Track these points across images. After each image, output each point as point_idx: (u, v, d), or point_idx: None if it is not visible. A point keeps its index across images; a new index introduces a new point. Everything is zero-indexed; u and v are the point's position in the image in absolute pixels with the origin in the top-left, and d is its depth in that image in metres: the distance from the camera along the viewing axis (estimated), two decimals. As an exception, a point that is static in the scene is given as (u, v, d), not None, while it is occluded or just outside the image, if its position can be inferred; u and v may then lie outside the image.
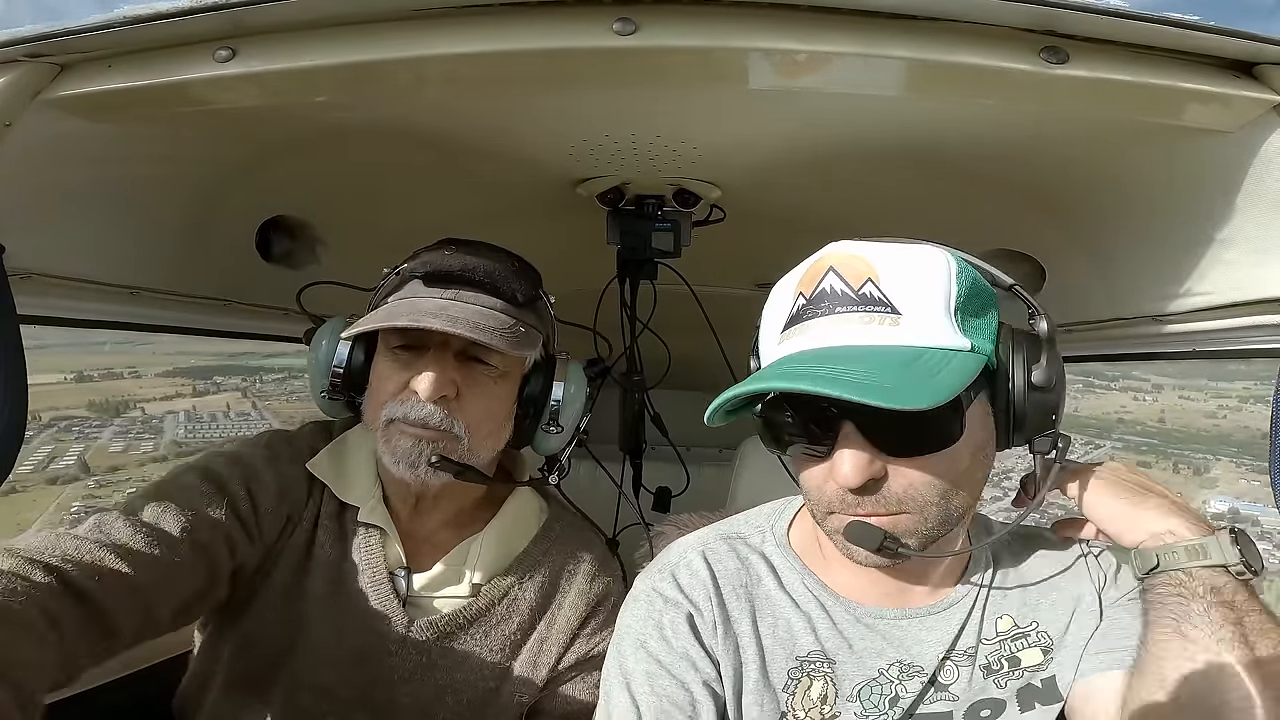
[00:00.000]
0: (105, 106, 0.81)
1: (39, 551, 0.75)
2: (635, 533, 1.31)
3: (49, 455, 27.18)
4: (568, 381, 1.02)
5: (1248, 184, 0.80)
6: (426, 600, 1.00)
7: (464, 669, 0.99)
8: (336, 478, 1.01)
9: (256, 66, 0.75)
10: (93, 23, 0.72)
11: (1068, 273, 1.22)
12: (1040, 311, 0.72)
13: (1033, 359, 0.71)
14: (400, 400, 0.92)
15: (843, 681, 0.79)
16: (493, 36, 0.72)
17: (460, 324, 0.87)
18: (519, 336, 0.93)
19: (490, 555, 1.02)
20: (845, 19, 0.70)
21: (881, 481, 0.68)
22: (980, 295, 0.71)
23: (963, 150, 0.98)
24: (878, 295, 0.67)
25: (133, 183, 1.00)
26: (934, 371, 0.64)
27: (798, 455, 0.74)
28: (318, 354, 1.00)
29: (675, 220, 1.27)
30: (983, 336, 0.70)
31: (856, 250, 0.70)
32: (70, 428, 29.54)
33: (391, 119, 0.95)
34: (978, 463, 0.71)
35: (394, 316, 0.88)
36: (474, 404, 0.94)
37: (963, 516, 0.73)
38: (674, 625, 0.79)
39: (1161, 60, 0.71)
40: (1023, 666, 0.81)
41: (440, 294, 0.92)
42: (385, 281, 1.00)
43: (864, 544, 0.69)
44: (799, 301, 0.71)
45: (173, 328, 1.37)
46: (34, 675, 0.62)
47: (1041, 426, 0.72)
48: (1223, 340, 1.04)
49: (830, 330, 0.68)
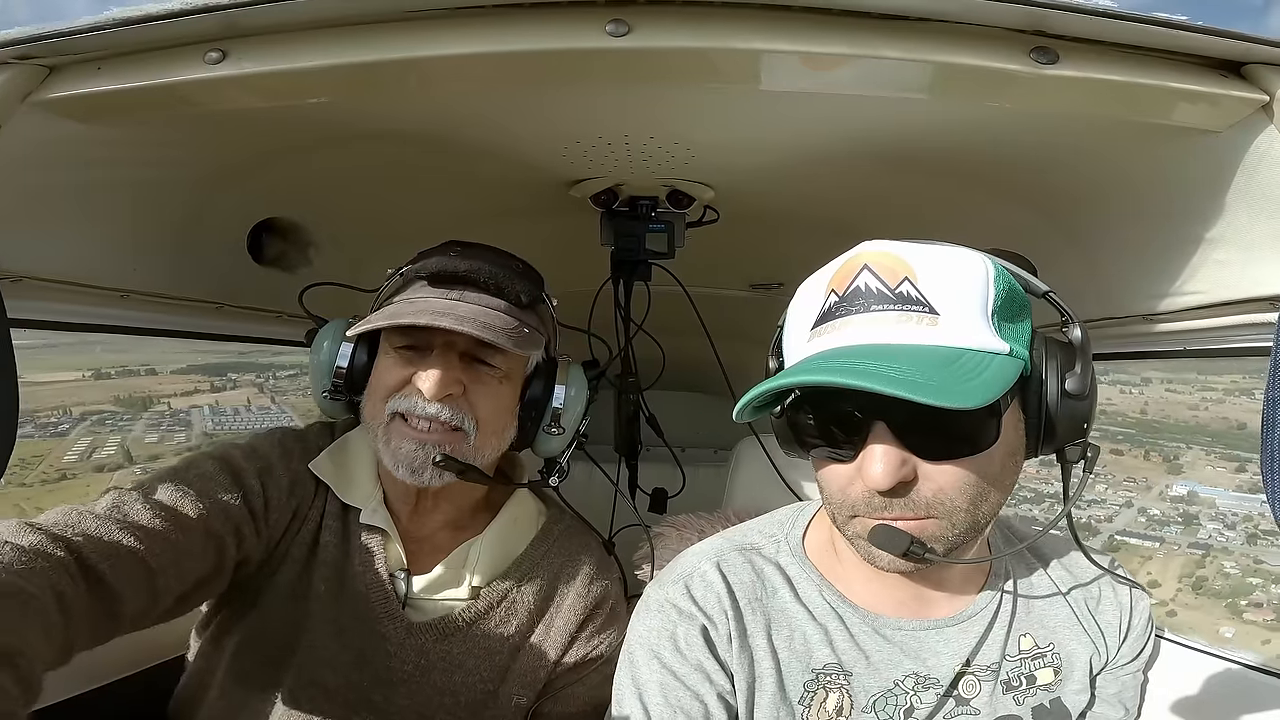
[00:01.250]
0: (95, 109, 0.80)
1: (61, 528, 0.75)
2: (631, 534, 1.31)
3: (89, 446, 28.32)
4: (569, 384, 1.03)
5: (1237, 183, 0.80)
6: (426, 602, 1.00)
7: (462, 671, 0.99)
8: (338, 478, 1.01)
9: (248, 68, 0.75)
10: (82, 24, 0.72)
11: (1059, 272, 1.22)
12: (1074, 318, 0.71)
13: (1067, 366, 0.70)
14: (404, 395, 0.92)
15: (858, 694, 0.79)
16: (485, 38, 0.72)
17: (467, 323, 0.87)
18: (523, 337, 0.93)
19: (489, 557, 1.02)
20: (837, 20, 0.70)
21: (911, 485, 0.67)
22: (1016, 300, 0.71)
23: (954, 150, 0.98)
24: (915, 295, 0.66)
25: (124, 185, 0.99)
26: (976, 372, 0.62)
27: (820, 457, 0.73)
28: (319, 354, 1.00)
29: (669, 222, 1.27)
30: (1019, 341, 0.69)
31: (892, 249, 0.69)
32: (103, 421, 30.84)
33: (384, 121, 0.95)
34: (1008, 469, 0.70)
35: (401, 315, 0.88)
36: (481, 402, 0.95)
37: (988, 524, 0.72)
38: (688, 637, 0.79)
39: (1150, 60, 0.71)
40: (1038, 685, 0.82)
41: (445, 294, 0.93)
42: (389, 282, 1.00)
43: (890, 548, 0.67)
44: (831, 299, 0.70)
45: (166, 331, 1.36)
46: (38, 658, 0.62)
47: (1073, 435, 0.71)
48: (1213, 339, 1.04)
49: (865, 328, 0.67)
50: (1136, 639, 0.85)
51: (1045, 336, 0.72)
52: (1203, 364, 1.14)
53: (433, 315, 0.87)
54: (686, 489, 1.60)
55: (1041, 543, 0.89)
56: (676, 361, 1.57)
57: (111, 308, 1.13)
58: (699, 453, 2.41)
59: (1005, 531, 0.89)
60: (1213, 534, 22.73)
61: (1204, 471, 27.45)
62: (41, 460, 26.26)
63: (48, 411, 29.19)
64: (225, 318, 1.36)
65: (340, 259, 1.38)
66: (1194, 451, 29.12)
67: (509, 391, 0.99)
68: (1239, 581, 20.22)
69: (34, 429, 27.38)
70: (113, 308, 1.13)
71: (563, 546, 1.08)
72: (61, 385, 30.82)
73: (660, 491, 1.63)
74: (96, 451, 27.29)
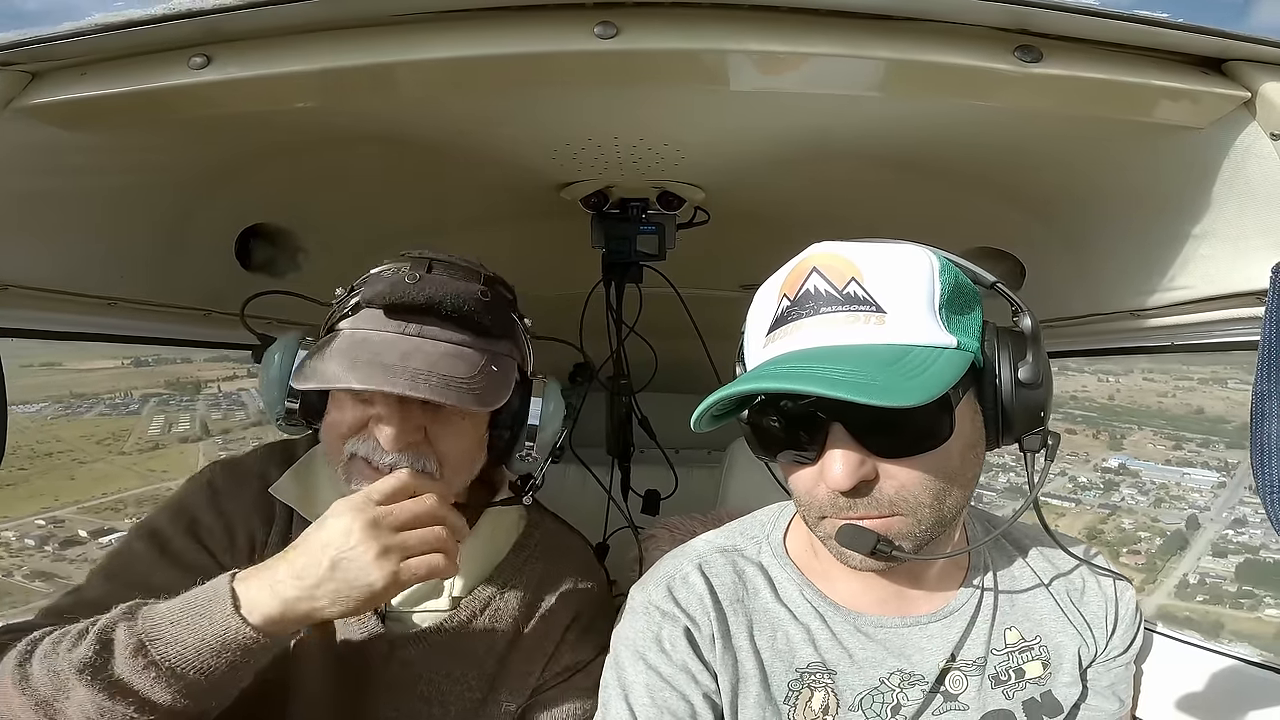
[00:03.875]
0: (79, 114, 0.79)
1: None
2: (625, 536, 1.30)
3: (166, 422, 30.90)
4: (545, 402, 0.98)
5: (1221, 179, 0.81)
6: (407, 614, 0.98)
7: (449, 681, 0.97)
8: (303, 499, 0.97)
9: (233, 73, 0.74)
10: (65, 30, 0.71)
11: (1047, 269, 1.23)
12: (1023, 308, 0.72)
13: (1019, 356, 0.70)
14: (361, 438, 0.87)
15: (844, 692, 0.79)
16: (473, 41, 0.72)
17: (427, 382, 0.81)
18: (490, 382, 0.87)
19: (469, 567, 1.00)
20: (824, 20, 0.71)
21: (873, 483, 0.67)
22: (964, 293, 0.71)
23: (942, 149, 0.99)
24: (862, 294, 0.67)
25: (109, 191, 0.99)
26: (922, 368, 0.63)
27: (786, 461, 0.73)
28: (268, 374, 0.93)
29: (659, 223, 1.27)
30: (968, 334, 0.69)
31: (839, 250, 0.70)
32: (166, 402, 32.90)
33: (370, 125, 0.95)
34: (968, 462, 0.71)
35: (351, 371, 0.81)
36: (444, 442, 0.89)
37: (956, 517, 0.73)
38: (672, 639, 0.79)
39: (1133, 58, 0.72)
40: (1027, 678, 0.82)
41: (401, 330, 0.85)
42: (338, 304, 0.92)
43: (857, 547, 0.68)
44: (783, 304, 0.71)
45: (153, 339, 1.35)
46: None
47: (1031, 424, 0.72)
48: (1200, 334, 1.05)
49: (816, 331, 0.67)
50: (1126, 630, 0.86)
51: (996, 327, 0.73)
52: (1188, 355, 1.16)
53: (387, 374, 0.80)
54: (680, 490, 1.60)
55: (1021, 535, 0.90)
56: (669, 363, 1.57)
57: (98, 316, 1.12)
58: (692, 454, 2.41)
59: (986, 525, 0.90)
60: (1125, 498, 24.68)
61: (1144, 449, 29.38)
62: (129, 434, 29.41)
63: (109, 394, 31.85)
64: (213, 325, 1.35)
65: (326, 263, 1.38)
66: (1143, 432, 30.60)
67: (475, 425, 0.93)
68: (1129, 534, 22.61)
69: (108, 408, 31.23)
70: (100, 316, 1.12)
71: (544, 552, 1.07)
72: (105, 372, 33.01)
73: (653, 493, 1.63)
74: (174, 427, 30.08)
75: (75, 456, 29.06)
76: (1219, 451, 30.41)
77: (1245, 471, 18.38)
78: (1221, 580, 21.12)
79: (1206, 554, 22.64)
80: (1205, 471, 29.29)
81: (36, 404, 33.83)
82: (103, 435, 33.32)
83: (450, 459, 0.90)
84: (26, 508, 23.18)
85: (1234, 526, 24.20)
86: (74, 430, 32.38)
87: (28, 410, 32.69)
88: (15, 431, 0.77)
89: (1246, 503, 24.39)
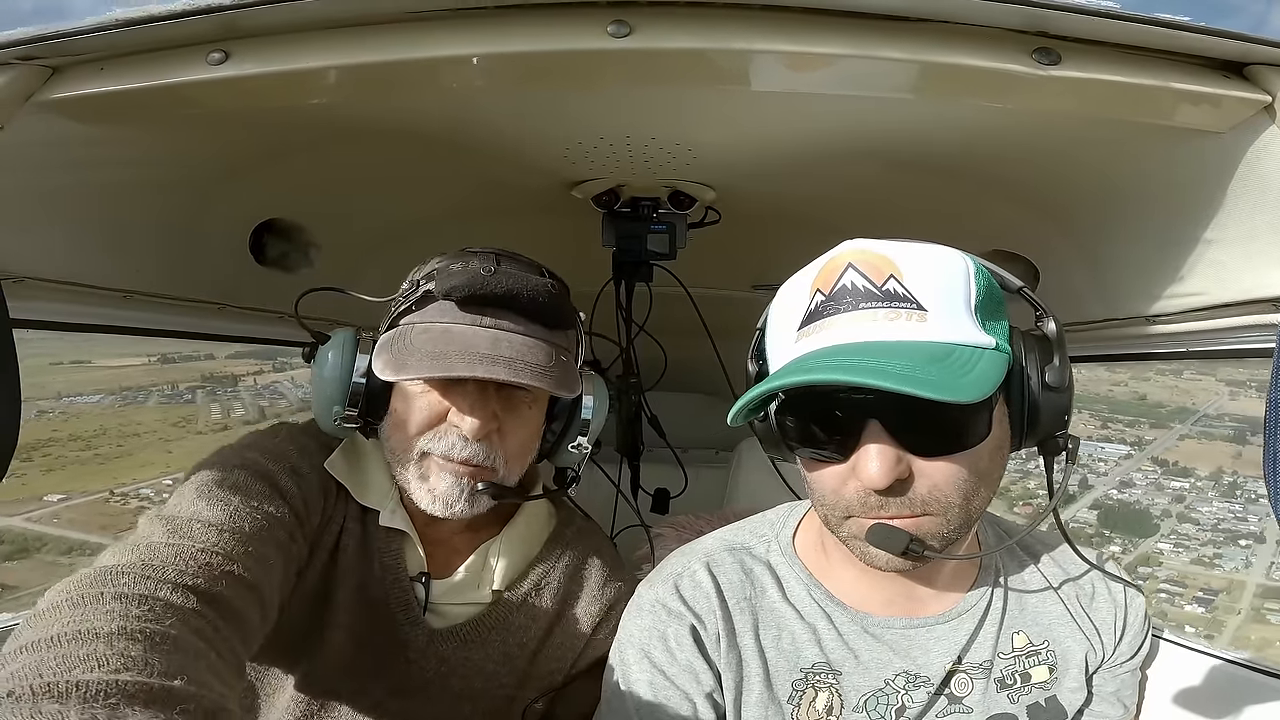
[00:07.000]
0: (98, 109, 0.80)
1: (153, 568, 0.66)
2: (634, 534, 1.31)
3: (223, 409, 34.69)
4: (595, 394, 0.99)
5: (1239, 184, 0.80)
6: (447, 607, 0.97)
7: (482, 676, 0.97)
8: (353, 479, 0.96)
9: (250, 69, 0.75)
10: (85, 25, 0.72)
11: (1062, 274, 1.22)
12: (1048, 312, 0.72)
13: (1045, 359, 0.70)
14: (437, 435, 0.87)
15: (849, 693, 0.79)
16: (487, 39, 0.72)
17: (520, 368, 0.82)
18: (564, 371, 0.89)
19: (508, 560, 1.00)
20: (839, 20, 0.70)
21: (907, 483, 0.66)
22: (994, 296, 0.71)
23: (957, 151, 0.98)
24: (902, 291, 0.66)
25: (125, 185, 0.99)
26: (969, 367, 0.62)
27: (810, 458, 0.72)
28: (324, 372, 0.91)
29: (671, 222, 1.27)
30: (1001, 336, 0.69)
31: (874, 247, 0.69)
32: (215, 391, 36.31)
33: (385, 122, 0.95)
34: (996, 463, 0.70)
35: (444, 361, 0.82)
36: (514, 434, 0.91)
37: (978, 518, 0.73)
38: (678, 637, 0.79)
39: (1152, 61, 0.71)
40: (1032, 683, 0.82)
41: (478, 323, 0.86)
42: (406, 293, 0.91)
43: (889, 547, 0.67)
44: (817, 299, 0.69)
45: (168, 332, 1.36)
46: (217, 695, 0.57)
47: (1054, 427, 0.71)
48: (1216, 340, 1.04)
49: (855, 325, 0.66)
50: (1134, 636, 0.85)
51: (1022, 331, 0.73)
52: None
53: (479, 362, 0.81)
54: (689, 489, 1.60)
55: (1032, 539, 0.89)
56: (678, 362, 1.57)
57: (114, 308, 1.13)
58: (701, 453, 2.41)
59: (996, 529, 0.89)
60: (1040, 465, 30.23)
61: (1105, 431, 34.63)
62: (196, 419, 33.94)
63: (156, 386, 36.31)
64: (227, 318, 1.37)
65: (342, 259, 1.39)
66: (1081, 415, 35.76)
67: (537, 415, 0.96)
68: (1032, 491, 26.43)
69: (164, 398, 35.77)
70: (115, 308, 1.13)
71: (576, 548, 1.07)
72: (136, 368, 37.37)
73: (663, 492, 1.63)
74: (231, 413, 33.92)
75: (160, 435, 33.28)
76: (1141, 431, 36.35)
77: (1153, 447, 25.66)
78: (1084, 525, 29.53)
79: (1085, 507, 31.41)
80: (1119, 446, 36.24)
81: (93, 395, 37.02)
82: (174, 420, 36.46)
83: (514, 451, 0.92)
84: (146, 473, 30.45)
85: (1120, 487, 33.00)
86: (141, 416, 35.79)
87: (89, 400, 36.49)
88: (89, 416, 0.76)
89: (1142, 470, 34.12)
